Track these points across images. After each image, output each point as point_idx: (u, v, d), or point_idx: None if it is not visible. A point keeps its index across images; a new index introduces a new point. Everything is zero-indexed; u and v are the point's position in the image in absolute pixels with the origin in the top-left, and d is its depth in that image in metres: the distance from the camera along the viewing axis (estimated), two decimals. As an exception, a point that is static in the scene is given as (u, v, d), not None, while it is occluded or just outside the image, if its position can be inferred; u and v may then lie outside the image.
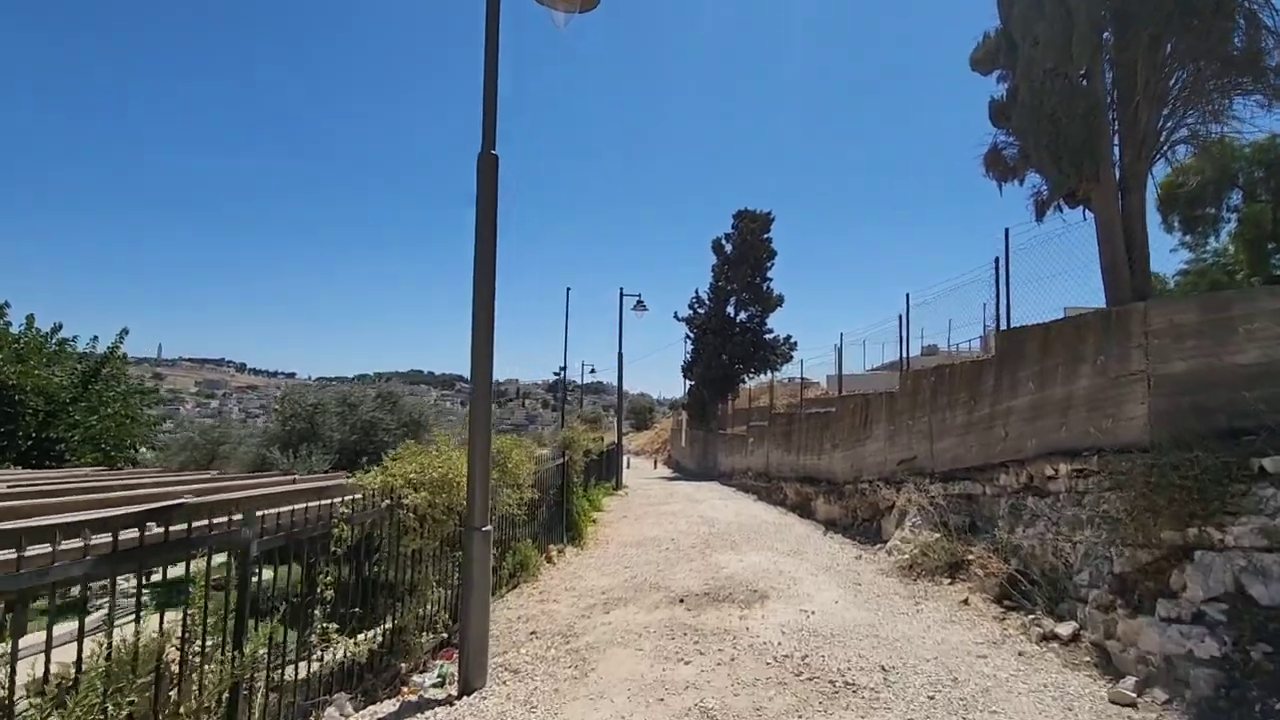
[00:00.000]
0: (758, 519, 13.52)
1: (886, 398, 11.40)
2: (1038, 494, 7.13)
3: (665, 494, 19.00)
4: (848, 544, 10.67)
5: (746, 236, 32.76)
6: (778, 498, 16.57)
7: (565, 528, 10.06)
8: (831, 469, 13.62)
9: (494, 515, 6.83)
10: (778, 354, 31.96)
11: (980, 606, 6.50)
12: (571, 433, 10.56)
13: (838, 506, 12.67)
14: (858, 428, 12.44)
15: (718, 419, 31.30)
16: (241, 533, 3.47)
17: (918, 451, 10.11)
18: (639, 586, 7.66)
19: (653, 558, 9.42)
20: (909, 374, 10.60)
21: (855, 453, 12.44)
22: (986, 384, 8.47)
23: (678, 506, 15.60)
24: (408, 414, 14.85)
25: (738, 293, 33.13)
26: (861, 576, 8.12)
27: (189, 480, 7.61)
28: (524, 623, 6.32)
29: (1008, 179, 10.00)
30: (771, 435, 18.54)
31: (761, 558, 9.39)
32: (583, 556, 9.55)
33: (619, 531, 11.93)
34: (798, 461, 15.90)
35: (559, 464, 9.72)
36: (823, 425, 14.43)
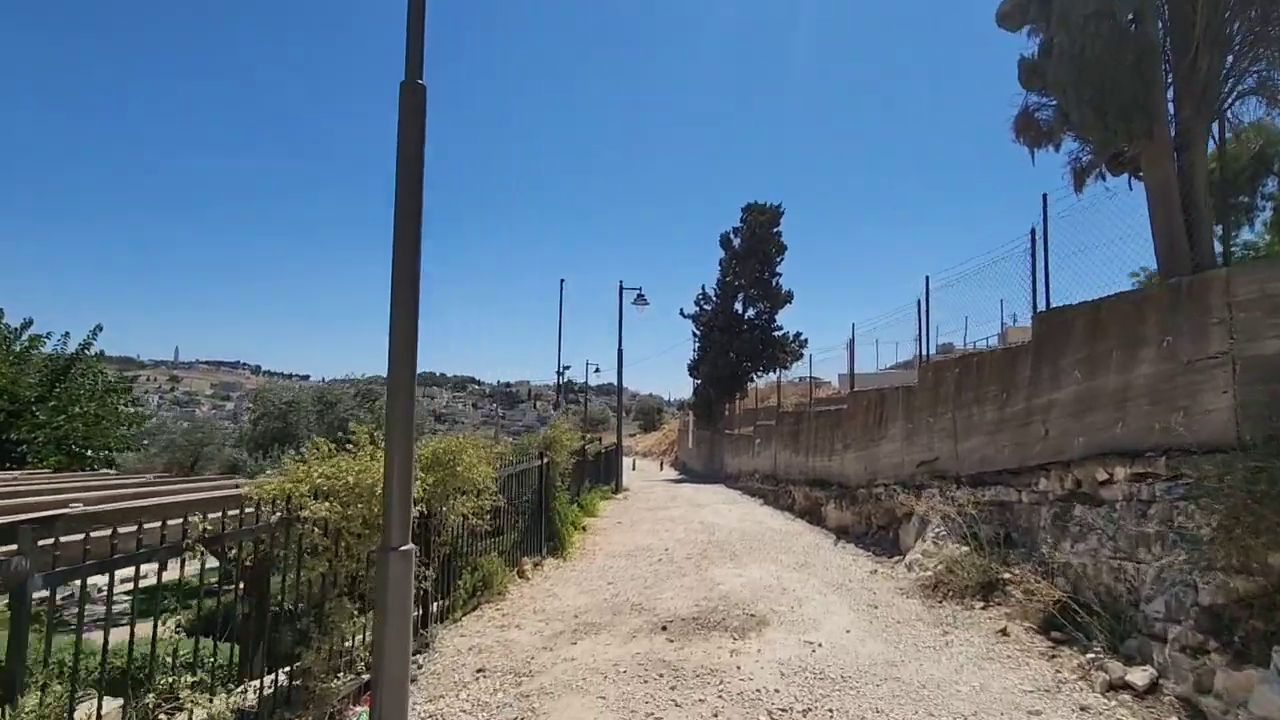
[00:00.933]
0: (762, 526, 12.43)
1: (903, 393, 10.29)
2: (1088, 502, 6.02)
3: (667, 497, 17.95)
4: (861, 555, 9.57)
5: (755, 230, 31.61)
6: (785, 502, 15.46)
7: (545, 537, 9.06)
8: (843, 471, 12.52)
9: (444, 527, 5.84)
10: (787, 351, 30.77)
11: (1023, 638, 5.40)
12: (553, 431, 9.57)
13: (850, 512, 11.57)
14: (871, 426, 11.34)
15: (725, 419, 30.17)
16: (12, 564, 2.48)
17: (940, 452, 9.00)
18: (618, 608, 6.63)
19: (641, 571, 8.38)
20: (929, 365, 9.50)
21: (869, 454, 11.34)
22: (1021, 374, 7.36)
23: (678, 511, 14.55)
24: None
25: (746, 289, 31.98)
26: (878, 596, 7.03)
27: (96, 486, 6.68)
28: (474, 655, 5.30)
29: (1041, 144, 8.86)
30: (779, 435, 17.44)
31: (763, 572, 8.32)
32: (563, 570, 8.53)
33: (610, 540, 10.90)
34: (806, 463, 14.79)
35: (538, 466, 8.72)
36: (833, 424, 13.32)
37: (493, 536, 7.22)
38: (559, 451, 9.44)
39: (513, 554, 7.76)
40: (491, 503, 6.67)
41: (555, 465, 9.46)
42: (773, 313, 31.82)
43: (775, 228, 31.78)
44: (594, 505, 14.25)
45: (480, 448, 6.64)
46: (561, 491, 9.49)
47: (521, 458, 8.40)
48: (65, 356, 15.55)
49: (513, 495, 7.95)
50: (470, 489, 6.10)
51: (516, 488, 8.11)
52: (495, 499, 6.78)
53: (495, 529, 7.35)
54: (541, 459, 8.74)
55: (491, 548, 7.16)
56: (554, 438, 9.40)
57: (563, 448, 9.53)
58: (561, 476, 10.16)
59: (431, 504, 5.52)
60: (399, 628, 3.93)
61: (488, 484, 6.21)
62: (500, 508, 7.08)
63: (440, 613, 5.89)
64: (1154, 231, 7.61)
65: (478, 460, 5.87)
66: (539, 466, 8.73)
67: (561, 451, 9.52)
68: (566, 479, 11.06)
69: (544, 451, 9.13)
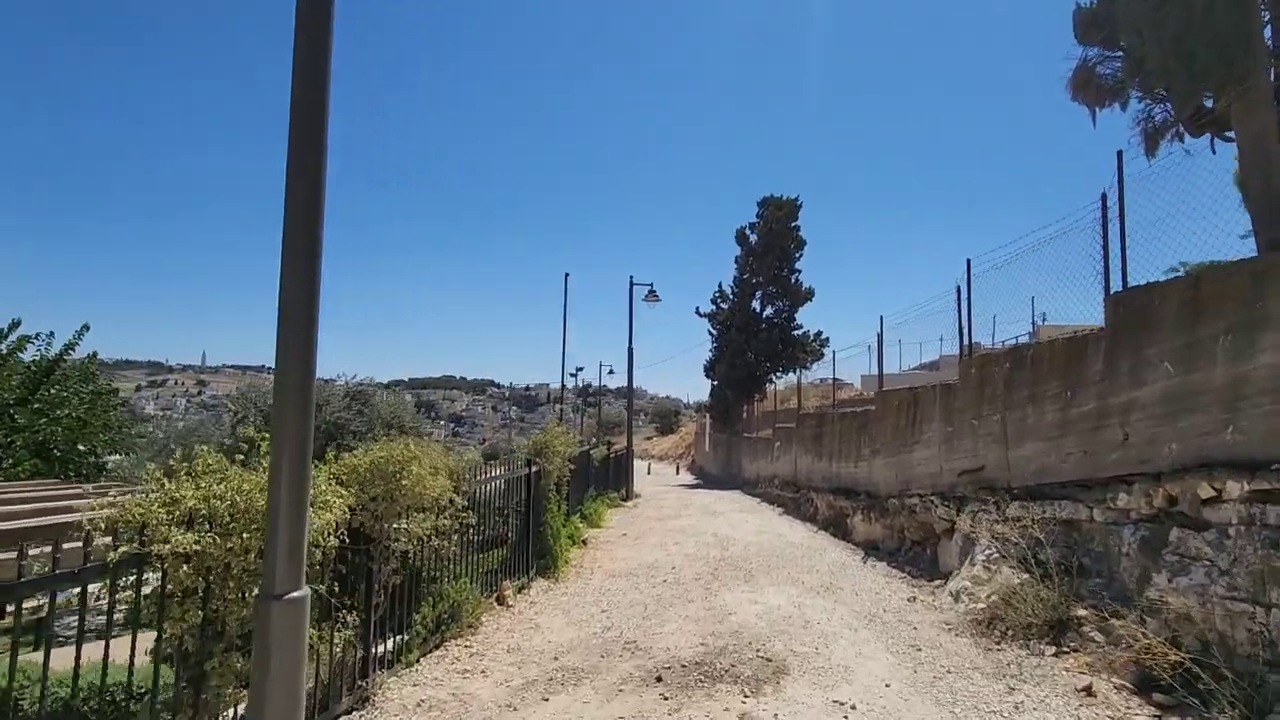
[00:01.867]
0: (782, 539, 11.29)
1: (941, 392, 9.11)
2: (1187, 525, 4.84)
3: (680, 505, 16.85)
4: (895, 577, 8.41)
5: (773, 225, 30.40)
6: (807, 511, 14.29)
7: (535, 555, 8.04)
8: (871, 479, 11.34)
9: (391, 553, 4.83)
10: (808, 351, 29.48)
11: (1114, 701, 4.24)
12: (545, 436, 8.54)
13: (880, 526, 10.39)
14: (903, 429, 10.15)
15: (743, 422, 28.99)
16: None
17: (986, 460, 7.82)
18: (608, 646, 5.57)
19: (642, 596, 7.32)
20: (973, 359, 8.31)
21: (901, 460, 10.15)
22: (1091, 368, 6.18)
23: (689, 521, 13.45)
24: (380, 414, 12.97)
25: (764, 286, 30.76)
26: (920, 633, 5.89)
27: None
28: (420, 713, 4.28)
29: (1104, 103, 7.67)
30: (799, 438, 16.26)
31: (783, 597, 7.22)
32: (553, 594, 7.50)
33: (612, 555, 9.84)
34: (830, 469, 13.61)
35: (524, 476, 7.70)
36: (859, 427, 12.14)
37: (466, 558, 6.21)
38: (551, 459, 8.41)
39: (492, 577, 6.74)
40: (460, 520, 5.66)
41: (548, 475, 8.43)
42: (792, 311, 30.58)
43: (794, 222, 30.56)
44: (599, 515, 13.21)
45: (439, 456, 5.64)
46: (554, 504, 8.46)
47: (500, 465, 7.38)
48: (49, 359, 14.90)
49: (491, 510, 6.95)
50: (428, 506, 5.09)
51: (496, 501, 7.10)
52: (464, 515, 5.77)
53: (470, 549, 6.35)
54: (529, 468, 7.72)
55: (464, 571, 6.15)
56: (545, 443, 8.38)
57: (555, 454, 8.50)
58: (557, 486, 9.13)
59: (371, 526, 4.52)
60: (286, 697, 2.92)
61: (448, 499, 5.20)
62: (473, 525, 6.07)
63: (390, 655, 4.88)
64: (1247, 198, 6.39)
65: (429, 472, 4.85)
66: (526, 476, 7.71)
67: (554, 459, 8.49)
68: (564, 488, 10.03)
69: (533, 459, 8.11)
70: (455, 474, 5.72)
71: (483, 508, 6.64)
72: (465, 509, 5.79)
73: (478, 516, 6.29)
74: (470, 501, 6.09)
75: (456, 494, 5.67)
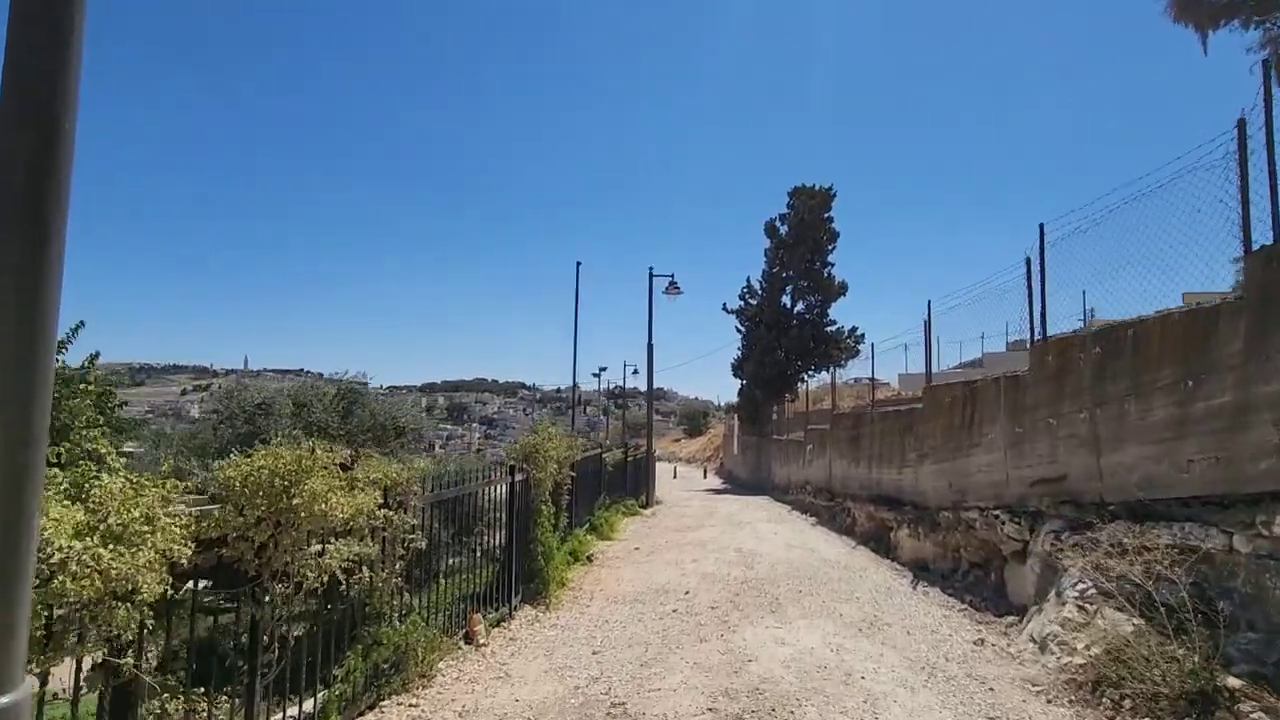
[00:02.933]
0: (815, 556, 9.90)
1: (1006, 386, 7.64)
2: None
3: (703, 513, 15.52)
4: (953, 608, 6.98)
5: (804, 216, 28.84)
6: (843, 522, 12.84)
7: (522, 578, 6.85)
8: (918, 488, 9.88)
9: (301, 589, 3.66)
10: (841, 348, 27.81)
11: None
12: (534, 438, 7.31)
13: (930, 543, 8.93)
14: (957, 431, 8.69)
15: (772, 423, 27.49)
16: None
17: (1070, 467, 6.36)
18: (588, 711, 4.32)
19: (645, 631, 6.06)
20: (1051, 344, 6.83)
21: (954, 466, 8.69)
22: (1224, 348, 4.72)
23: (711, 533, 12.13)
24: (374, 416, 11.96)
25: (794, 280, 29.22)
26: (999, 698, 4.50)
27: None
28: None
29: (1217, 23, 6.15)
30: (834, 441, 14.80)
31: (817, 636, 5.88)
32: (539, 626, 6.28)
33: (618, 575, 8.60)
34: (869, 476, 12.15)
35: (507, 485, 6.51)
36: (903, 428, 10.68)
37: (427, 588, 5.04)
38: (543, 464, 7.20)
39: (456, 611, 5.54)
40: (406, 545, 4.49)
41: (539, 484, 7.22)
42: (824, 306, 28.98)
43: (826, 212, 28.97)
44: (611, 526, 11.98)
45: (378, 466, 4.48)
46: (547, 518, 7.25)
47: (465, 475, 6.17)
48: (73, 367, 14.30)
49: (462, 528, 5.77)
50: (354, 529, 3.92)
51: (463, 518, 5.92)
52: (410, 536, 4.60)
53: (428, 577, 5.18)
54: (512, 476, 6.51)
55: (422, 604, 4.98)
56: (535, 447, 7.16)
57: (548, 460, 7.29)
58: (553, 496, 7.94)
59: (251, 561, 3.35)
60: None
61: (365, 521, 4.01)
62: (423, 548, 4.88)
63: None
64: None
65: (340, 487, 3.67)
66: (509, 486, 6.50)
67: (547, 465, 7.28)
68: (562, 498, 8.83)
69: (521, 466, 6.91)
70: (398, 487, 4.54)
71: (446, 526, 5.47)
72: (412, 530, 4.62)
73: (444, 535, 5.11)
74: (422, 521, 4.91)
75: (400, 512, 4.50)
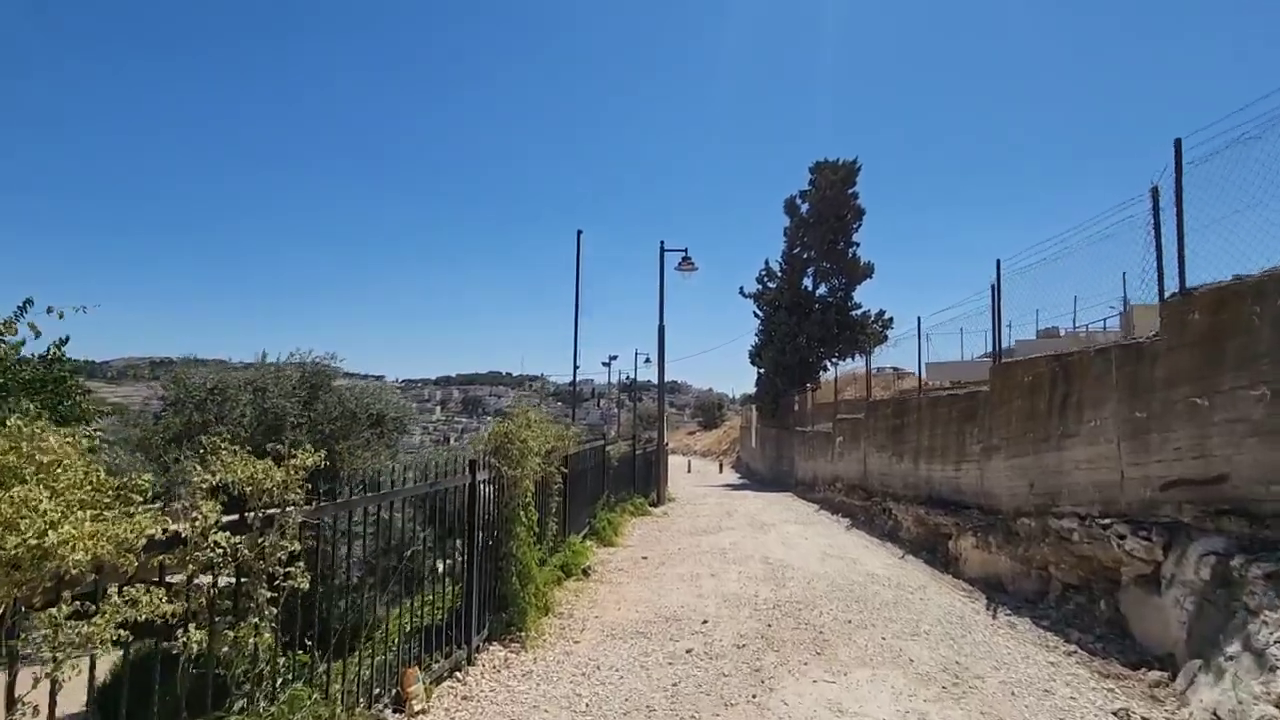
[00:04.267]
0: (858, 569, 8.23)
1: (1120, 356, 5.89)
2: None
3: (720, 513, 13.86)
4: (1058, 650, 5.28)
5: (826, 192, 26.94)
6: (883, 525, 11.14)
7: (492, 606, 5.26)
8: (984, 487, 8.16)
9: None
10: (868, 334, 25.92)
11: None
12: (509, 425, 5.65)
13: (1005, 556, 7.21)
14: (1042, 417, 6.96)
15: (794, 414, 25.74)
16: None
17: (1234, 464, 4.62)
18: None
19: (647, 687, 4.45)
20: (1202, 297, 5.05)
21: (1039, 462, 6.97)
22: None
23: (732, 537, 10.48)
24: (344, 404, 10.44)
25: (816, 261, 27.36)
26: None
27: None
28: None
29: None
30: (869, 432, 13.06)
31: (884, 698, 4.24)
32: (505, 677, 4.67)
33: (620, 595, 6.98)
34: (916, 472, 10.43)
35: (468, 488, 4.89)
36: (961, 416, 8.94)
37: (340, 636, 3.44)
38: (520, 460, 5.57)
39: (385, 664, 3.94)
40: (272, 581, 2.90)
41: (515, 484, 5.60)
42: (849, 289, 27.13)
43: (850, 188, 27.05)
44: (615, 529, 10.37)
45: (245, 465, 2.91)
46: (525, 528, 5.63)
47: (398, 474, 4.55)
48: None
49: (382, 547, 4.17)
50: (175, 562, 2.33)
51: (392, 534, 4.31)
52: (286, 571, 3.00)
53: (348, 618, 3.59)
54: (471, 475, 4.88)
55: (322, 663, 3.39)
56: (507, 437, 5.53)
57: (528, 454, 5.67)
58: (539, 498, 6.34)
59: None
60: None
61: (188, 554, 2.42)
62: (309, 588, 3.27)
63: None
64: None
65: (74, 505, 2.06)
66: (467, 489, 4.88)
67: (526, 460, 5.65)
68: (552, 500, 7.25)
69: (488, 461, 5.28)
70: (261, 495, 2.94)
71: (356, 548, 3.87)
72: (291, 560, 3.02)
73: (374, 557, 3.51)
74: (316, 542, 3.31)
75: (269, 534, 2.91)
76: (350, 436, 10.32)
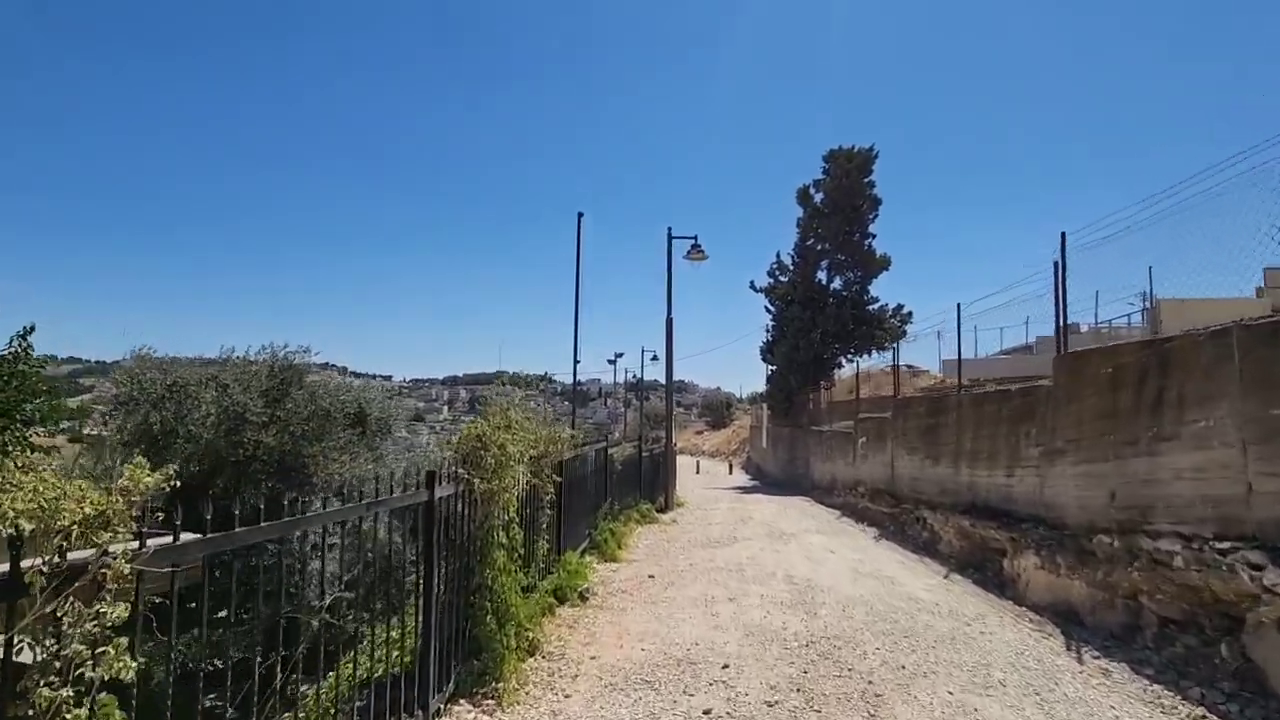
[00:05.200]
0: (899, 591, 7.11)
1: (1241, 340, 4.75)
2: None
3: (734, 520, 12.75)
4: (1181, 715, 4.16)
5: (841, 181, 25.74)
6: (917, 536, 10.01)
7: (463, 653, 4.19)
8: (1044, 497, 7.02)
9: None
10: (885, 329, 24.75)
11: None
12: (483, 426, 4.53)
13: (1081, 581, 6.07)
14: (1128, 415, 5.82)
15: (808, 413, 24.59)
16: None
17: None
18: None
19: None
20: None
21: (1123, 469, 5.82)
22: None
23: (748, 549, 9.37)
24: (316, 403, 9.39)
25: (831, 254, 26.18)
26: None
27: None
28: None
29: None
30: (897, 432, 11.93)
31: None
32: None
33: (621, 626, 5.89)
34: (956, 478, 9.29)
35: (426, 507, 3.81)
36: (1017, 413, 7.80)
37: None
38: (498, 471, 4.47)
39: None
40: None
41: (492, 498, 4.52)
42: (865, 282, 25.93)
43: (866, 176, 25.84)
44: (619, 541, 9.29)
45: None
46: (504, 551, 4.54)
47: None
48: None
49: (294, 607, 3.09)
50: None
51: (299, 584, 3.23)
52: (102, 652, 1.92)
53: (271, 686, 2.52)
54: (430, 491, 3.79)
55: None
56: (481, 441, 4.43)
57: (508, 461, 4.57)
58: (525, 513, 5.27)
59: None
60: None
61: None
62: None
63: None
64: None
65: None
66: (425, 508, 3.80)
67: (506, 469, 4.56)
68: (542, 511, 6.16)
69: (455, 472, 4.20)
70: (61, 529, 1.87)
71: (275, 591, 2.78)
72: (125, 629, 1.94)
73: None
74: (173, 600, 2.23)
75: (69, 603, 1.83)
76: (324, 438, 9.28)
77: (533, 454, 5.70)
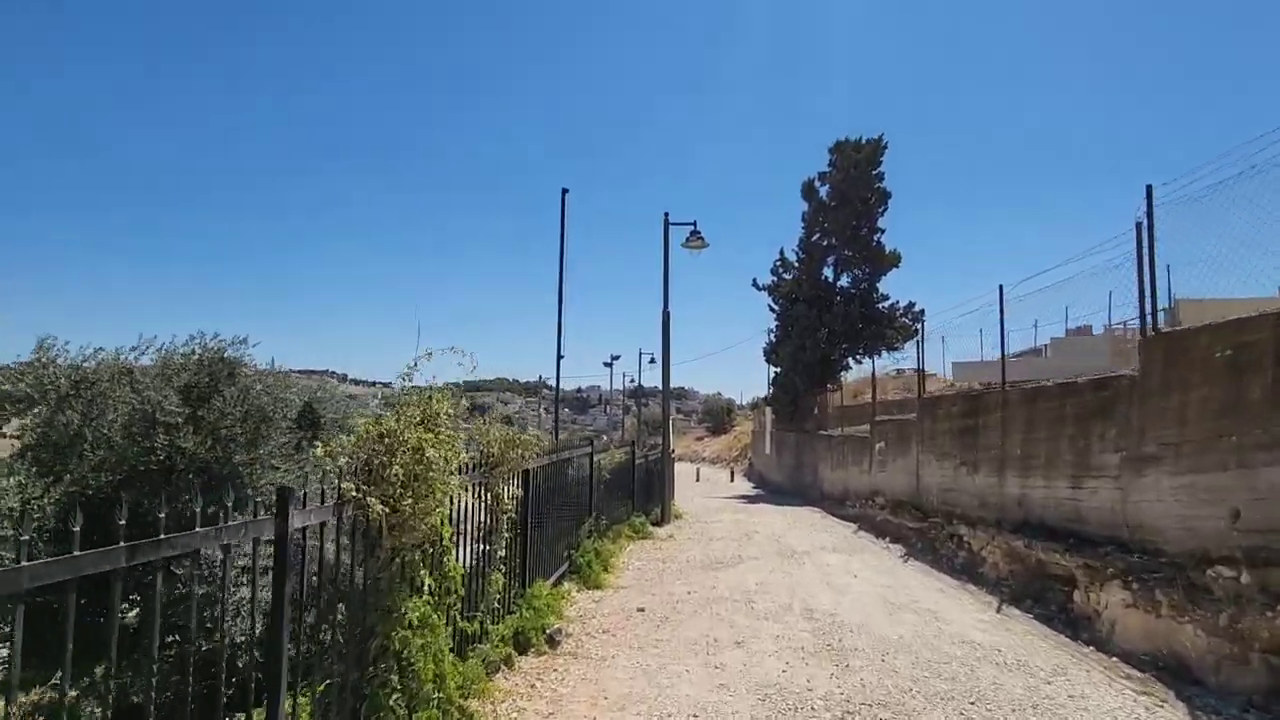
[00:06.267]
0: (947, 632, 5.72)
1: None
2: None
3: (738, 534, 11.34)
4: None
5: (848, 173, 24.42)
6: (952, 556, 8.61)
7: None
8: (1131, 515, 5.64)
9: None
10: (896, 328, 23.37)
11: None
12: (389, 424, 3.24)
13: (1198, 627, 4.67)
14: (1257, 410, 4.46)
15: (815, 417, 23.21)
16: None
17: None
18: None
19: None
20: None
21: (1251, 480, 4.46)
22: None
23: (756, 573, 7.99)
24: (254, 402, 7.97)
25: (838, 249, 24.83)
26: None
27: None
28: None
29: None
30: (924, 435, 10.55)
31: None
32: None
33: (598, 688, 4.51)
34: (1001, 489, 7.91)
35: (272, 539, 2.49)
36: (1086, 410, 6.44)
37: None
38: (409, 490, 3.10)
39: None
40: None
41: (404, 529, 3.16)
42: (874, 279, 24.55)
43: (875, 168, 24.53)
44: (604, 563, 7.90)
45: None
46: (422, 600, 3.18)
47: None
48: None
49: None
50: None
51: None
52: None
53: None
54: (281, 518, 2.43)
55: None
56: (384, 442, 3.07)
57: (426, 476, 3.20)
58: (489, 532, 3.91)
59: None
60: None
61: None
62: None
63: None
64: None
65: None
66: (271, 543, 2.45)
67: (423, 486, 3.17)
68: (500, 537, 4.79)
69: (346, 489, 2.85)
70: None
71: None
72: None
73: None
74: None
75: None
76: (261, 443, 7.88)
77: (488, 460, 4.34)
